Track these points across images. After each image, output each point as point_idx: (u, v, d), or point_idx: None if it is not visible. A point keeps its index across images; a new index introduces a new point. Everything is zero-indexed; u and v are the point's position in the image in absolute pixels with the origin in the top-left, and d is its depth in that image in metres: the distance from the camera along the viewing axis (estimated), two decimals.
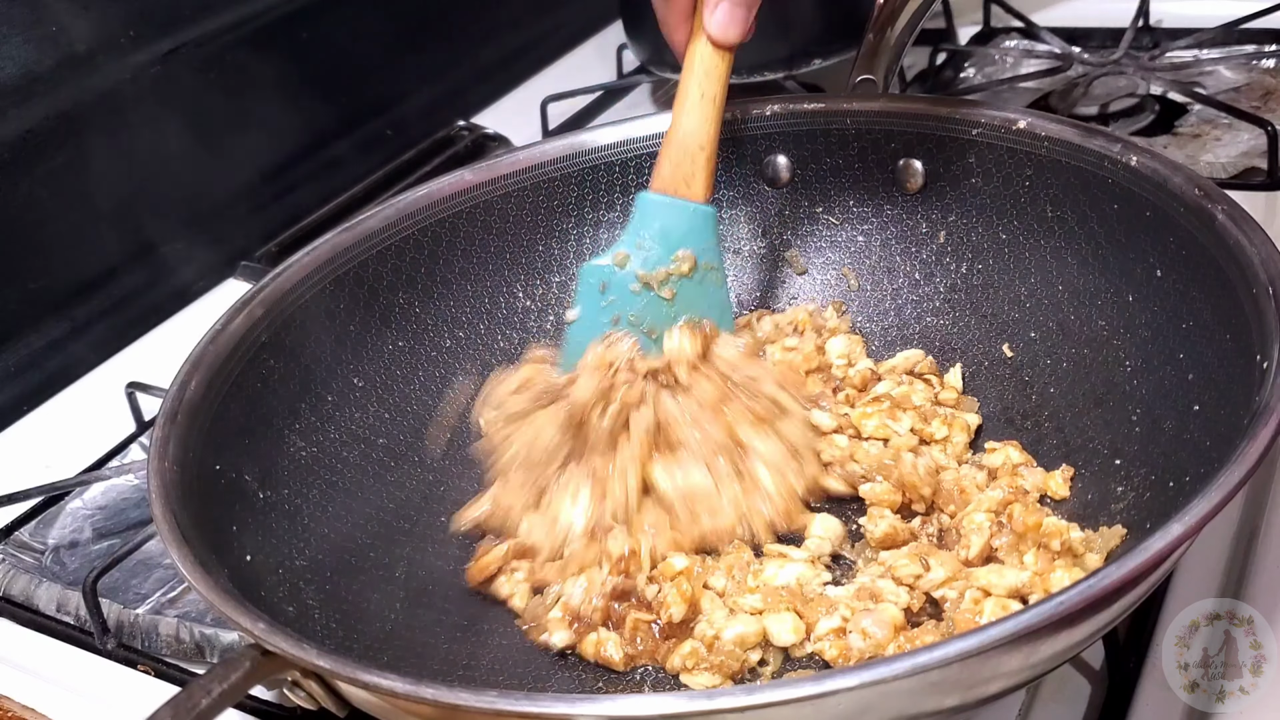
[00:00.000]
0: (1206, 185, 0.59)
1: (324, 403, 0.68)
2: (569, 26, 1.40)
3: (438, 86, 1.25)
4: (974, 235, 0.73)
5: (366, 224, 0.72)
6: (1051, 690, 0.58)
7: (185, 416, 0.59)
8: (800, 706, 0.40)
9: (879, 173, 0.76)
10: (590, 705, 0.43)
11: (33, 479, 0.79)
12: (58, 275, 0.94)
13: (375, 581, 0.64)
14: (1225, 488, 0.44)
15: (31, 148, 0.90)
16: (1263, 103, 1.01)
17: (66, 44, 0.91)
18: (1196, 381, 0.56)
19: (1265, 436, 0.45)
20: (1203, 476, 0.48)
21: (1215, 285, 0.56)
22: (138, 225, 0.99)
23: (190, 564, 0.49)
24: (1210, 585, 0.62)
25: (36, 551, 0.75)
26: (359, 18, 1.15)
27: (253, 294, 0.66)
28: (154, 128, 0.98)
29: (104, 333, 0.97)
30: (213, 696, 0.44)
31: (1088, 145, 0.65)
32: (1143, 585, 0.46)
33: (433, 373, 0.74)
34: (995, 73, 1.14)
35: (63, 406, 0.92)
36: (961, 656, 0.40)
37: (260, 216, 1.08)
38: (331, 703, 0.48)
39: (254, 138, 1.08)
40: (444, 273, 0.75)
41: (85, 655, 0.68)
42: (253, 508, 0.60)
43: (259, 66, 1.07)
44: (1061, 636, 0.44)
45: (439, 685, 0.43)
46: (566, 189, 0.78)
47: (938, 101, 0.73)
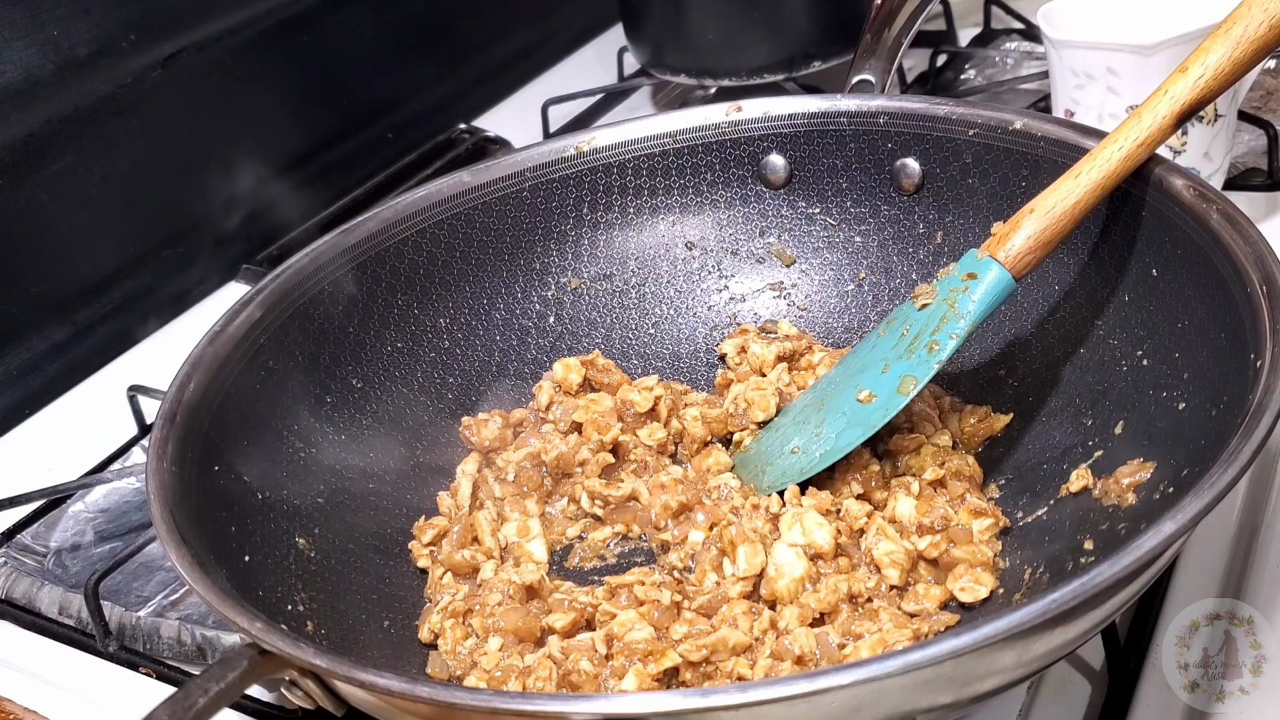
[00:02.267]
0: (1203, 185, 0.59)
1: (323, 404, 0.68)
2: (570, 30, 1.41)
3: (439, 90, 1.25)
4: (971, 235, 0.73)
5: (365, 226, 0.72)
6: (1052, 690, 0.58)
7: (184, 418, 0.59)
8: (794, 704, 0.40)
9: (876, 173, 0.76)
10: (586, 704, 0.43)
11: (35, 482, 0.79)
12: (60, 279, 0.94)
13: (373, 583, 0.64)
14: (1219, 485, 0.44)
15: (33, 152, 0.90)
16: (1263, 103, 1.01)
17: (68, 48, 0.91)
18: (1192, 380, 0.56)
19: (1259, 435, 0.45)
20: (1197, 474, 0.48)
21: (1211, 285, 0.56)
22: (139, 229, 0.99)
23: (188, 564, 0.50)
24: (1210, 585, 0.62)
25: (38, 554, 0.75)
26: (360, 21, 1.16)
27: (252, 295, 0.67)
28: (155, 132, 0.99)
29: (106, 336, 0.97)
30: (210, 696, 0.44)
31: (1084, 145, 0.65)
32: (1137, 582, 0.46)
33: (431, 374, 0.74)
34: (996, 74, 1.14)
35: (65, 410, 0.93)
36: (955, 654, 0.40)
37: (262, 220, 1.08)
38: (329, 702, 0.48)
39: (255, 141, 1.08)
40: (443, 275, 0.75)
41: (87, 658, 0.68)
42: (251, 509, 0.60)
43: (260, 70, 1.07)
44: (1056, 633, 0.44)
45: (435, 684, 0.43)
46: (565, 191, 0.78)
47: (934, 102, 0.73)
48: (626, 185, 0.78)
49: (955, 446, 0.68)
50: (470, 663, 0.59)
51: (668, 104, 1.23)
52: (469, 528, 0.67)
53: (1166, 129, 0.59)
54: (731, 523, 0.62)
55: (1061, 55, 0.83)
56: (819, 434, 0.66)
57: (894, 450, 0.67)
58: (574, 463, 0.70)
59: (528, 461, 0.71)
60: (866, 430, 0.64)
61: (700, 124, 0.78)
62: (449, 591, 0.64)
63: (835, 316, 0.79)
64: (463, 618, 0.61)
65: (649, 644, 0.56)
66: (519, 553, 0.66)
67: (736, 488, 0.67)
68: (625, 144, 0.78)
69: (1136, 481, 0.57)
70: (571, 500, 0.70)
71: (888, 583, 0.60)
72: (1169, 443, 0.56)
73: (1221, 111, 0.82)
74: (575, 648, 0.58)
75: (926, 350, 0.63)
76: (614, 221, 0.79)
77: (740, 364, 0.76)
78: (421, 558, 0.66)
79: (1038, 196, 0.62)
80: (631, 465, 0.70)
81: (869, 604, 0.59)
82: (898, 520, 0.63)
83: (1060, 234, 0.61)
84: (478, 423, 0.73)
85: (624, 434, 0.71)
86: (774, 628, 0.58)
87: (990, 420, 0.68)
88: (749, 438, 0.71)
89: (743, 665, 0.56)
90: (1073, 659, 0.59)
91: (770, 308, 0.80)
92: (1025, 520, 0.63)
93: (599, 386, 0.74)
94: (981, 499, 0.64)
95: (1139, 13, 0.84)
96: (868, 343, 0.68)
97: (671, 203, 0.79)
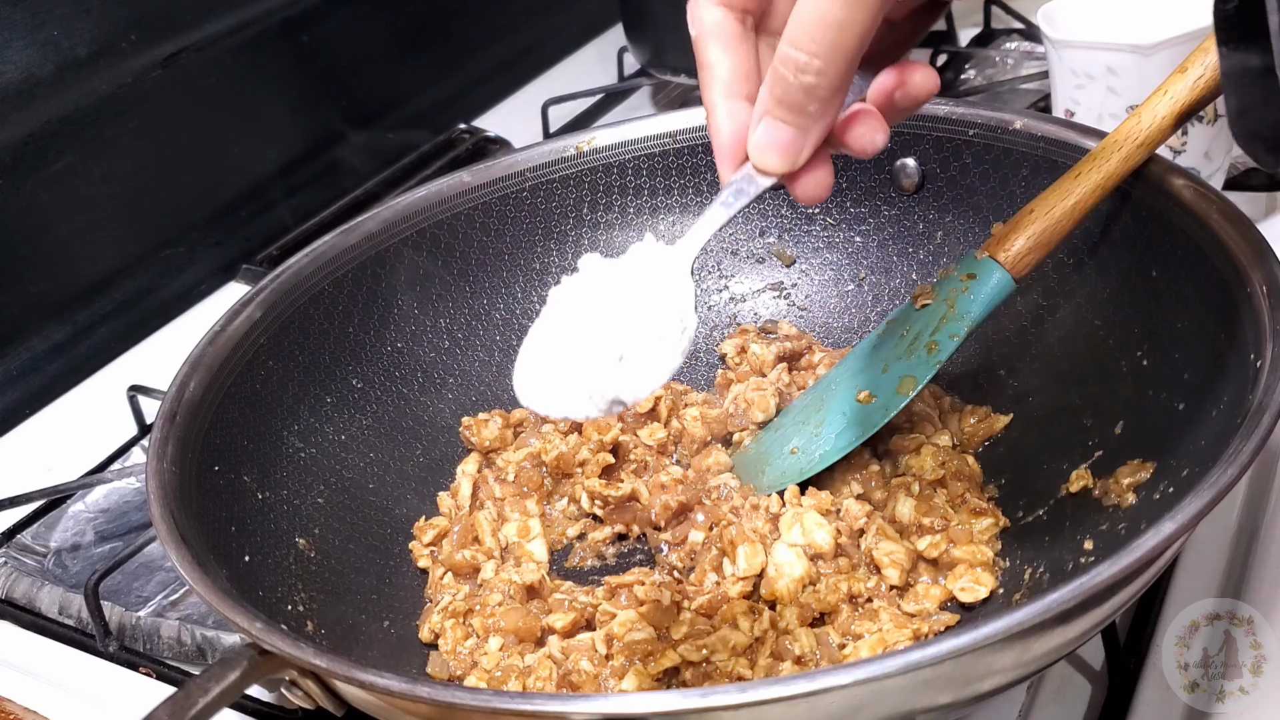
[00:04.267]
0: (1203, 185, 0.59)
1: (323, 404, 0.68)
2: (570, 30, 1.41)
3: (439, 90, 1.25)
4: (971, 235, 0.73)
5: (365, 226, 0.72)
6: (1052, 690, 0.58)
7: (184, 417, 0.59)
8: (794, 704, 0.40)
9: (876, 173, 0.76)
10: (586, 704, 0.43)
11: (35, 482, 0.79)
12: (60, 279, 0.94)
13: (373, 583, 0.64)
14: (1219, 485, 0.43)
15: (33, 152, 0.90)
16: None
17: (68, 48, 0.91)
18: (1192, 380, 0.56)
19: (1259, 435, 0.45)
20: (1197, 474, 0.48)
21: (1210, 285, 0.56)
22: (139, 229, 0.99)
23: (188, 564, 0.50)
24: (1210, 585, 0.62)
25: (39, 554, 0.75)
26: (360, 21, 1.16)
27: (252, 295, 0.67)
28: (155, 132, 0.99)
29: (106, 336, 0.97)
30: (210, 696, 0.44)
31: (1084, 145, 0.65)
32: (1137, 582, 0.46)
33: (431, 375, 0.74)
34: (996, 74, 1.14)
35: (65, 410, 0.93)
36: (955, 654, 0.40)
37: (262, 220, 1.08)
38: (329, 702, 0.48)
39: (255, 141, 1.08)
40: (443, 275, 0.75)
41: (87, 658, 0.68)
42: (251, 509, 0.60)
43: (260, 70, 1.07)
44: (1056, 633, 0.44)
45: (435, 684, 0.43)
46: (565, 191, 0.78)
47: (934, 102, 0.73)
48: (626, 185, 0.78)
49: (955, 446, 0.68)
50: (470, 663, 0.59)
51: (668, 104, 1.23)
52: (469, 528, 0.67)
53: (1166, 129, 0.59)
54: (731, 523, 0.62)
55: (1061, 55, 0.83)
56: (819, 434, 0.66)
57: (894, 450, 0.67)
58: (574, 463, 0.70)
59: (528, 461, 0.71)
60: (866, 431, 0.64)
61: (700, 124, 0.78)
62: (449, 591, 0.64)
63: (835, 316, 0.79)
64: (463, 618, 0.61)
65: (649, 644, 0.56)
66: (519, 553, 0.66)
67: (736, 488, 0.67)
68: (625, 144, 0.78)
69: (1136, 481, 0.57)
70: (571, 500, 0.70)
71: (888, 583, 0.60)
72: (1169, 443, 0.56)
73: (1221, 111, 0.82)
74: (575, 648, 0.58)
75: (926, 350, 0.63)
76: (614, 221, 0.79)
77: (740, 364, 0.76)
78: (422, 558, 0.66)
79: (1038, 197, 0.62)
80: (631, 465, 0.70)
81: (869, 604, 0.59)
82: (898, 520, 0.63)
83: (1060, 234, 0.61)
84: (478, 423, 0.73)
85: (624, 434, 0.71)
86: (774, 628, 0.58)
87: (990, 420, 0.68)
88: (749, 438, 0.71)
89: (743, 665, 0.56)
90: (1073, 659, 0.59)
91: (770, 308, 0.80)
92: (1025, 520, 0.62)
93: None
94: (981, 499, 0.64)
95: (1139, 13, 0.84)
96: (867, 343, 0.68)
97: (671, 203, 0.79)
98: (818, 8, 0.40)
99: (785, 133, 0.44)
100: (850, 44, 0.40)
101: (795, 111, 0.43)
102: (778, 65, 0.42)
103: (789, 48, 0.41)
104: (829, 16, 0.40)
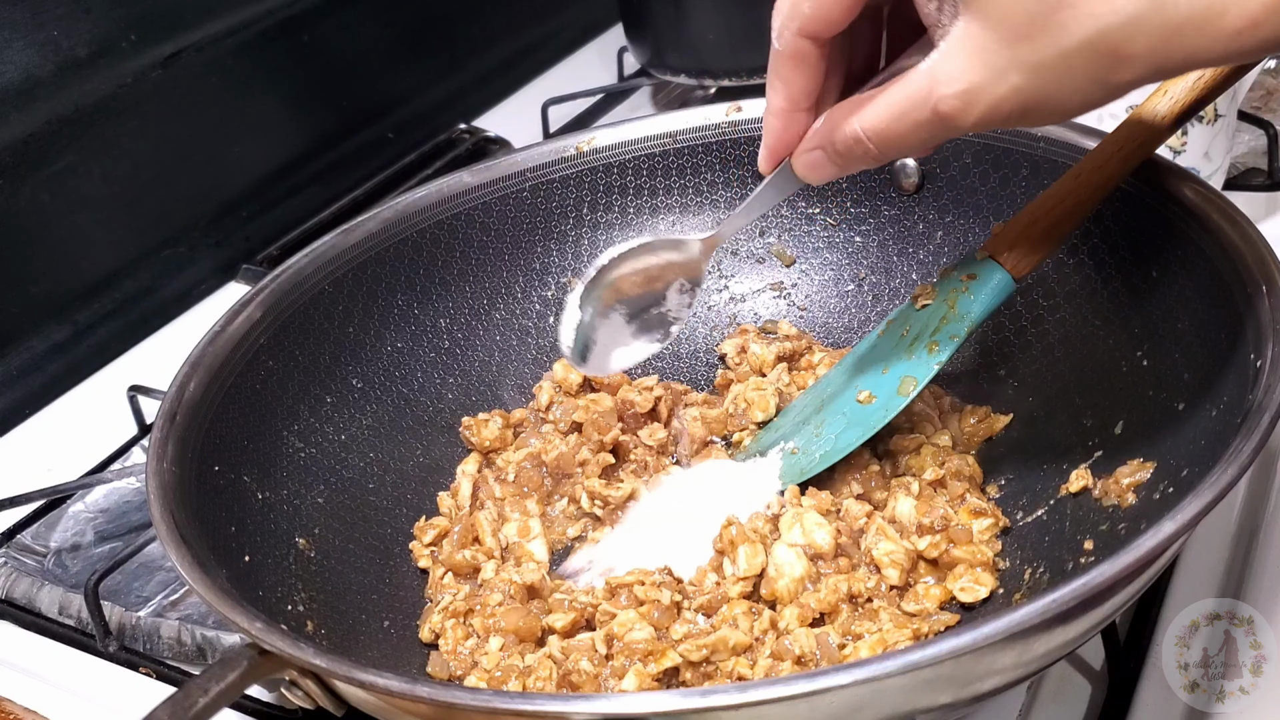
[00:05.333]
0: (1203, 185, 0.59)
1: (323, 404, 0.68)
2: (570, 29, 1.41)
3: (439, 90, 1.25)
4: (971, 235, 0.73)
5: (365, 226, 0.72)
6: (1052, 690, 0.58)
7: (184, 417, 0.59)
8: (794, 704, 0.40)
9: (876, 173, 0.76)
10: (586, 704, 0.43)
11: (35, 482, 0.79)
12: (60, 279, 0.94)
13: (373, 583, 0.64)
14: (1218, 485, 0.43)
15: (33, 152, 0.90)
16: (1263, 103, 1.01)
17: (68, 48, 0.91)
18: (1191, 380, 0.56)
19: (1259, 435, 0.45)
20: (1197, 474, 0.48)
21: (1211, 285, 0.56)
22: (139, 229, 0.99)
23: (188, 564, 0.50)
24: (1210, 585, 0.62)
25: (38, 554, 0.75)
26: (360, 21, 1.16)
27: (252, 295, 0.67)
28: (155, 132, 0.99)
29: (106, 336, 0.97)
30: (210, 696, 0.44)
31: (1084, 145, 0.65)
32: (1136, 582, 0.46)
33: (431, 375, 0.74)
34: None
35: (65, 410, 0.93)
36: (955, 654, 0.40)
37: (262, 220, 1.08)
38: (329, 702, 0.48)
39: (255, 141, 1.08)
40: (442, 275, 0.75)
41: (87, 658, 0.68)
42: (251, 509, 0.60)
43: (260, 70, 1.07)
44: (1056, 633, 0.44)
45: (435, 684, 0.43)
46: (565, 191, 0.78)
47: None
48: (626, 185, 0.79)
49: (955, 446, 0.68)
50: (471, 663, 0.59)
51: (668, 104, 1.23)
52: (470, 528, 0.67)
53: (1166, 129, 0.59)
54: (732, 523, 0.62)
55: None
56: (819, 434, 0.66)
57: (894, 450, 0.67)
58: (574, 463, 0.70)
59: (528, 461, 0.71)
60: (866, 431, 0.64)
61: (700, 124, 0.78)
62: (450, 591, 0.64)
63: (835, 316, 0.79)
64: (463, 618, 0.61)
65: (649, 644, 0.56)
66: (520, 552, 0.66)
67: None
68: (625, 144, 0.78)
69: (1136, 481, 0.57)
70: (571, 500, 0.70)
71: (888, 583, 0.60)
72: (1169, 443, 0.56)
73: (1221, 111, 0.82)
74: (575, 648, 0.58)
75: (926, 351, 0.63)
76: (614, 221, 0.79)
77: (740, 364, 0.76)
78: (422, 558, 0.66)
79: (1038, 197, 0.62)
80: (631, 465, 0.70)
81: (869, 604, 0.59)
82: (898, 520, 0.63)
83: (1060, 235, 0.61)
84: (478, 423, 0.73)
85: (624, 434, 0.71)
86: (774, 628, 0.58)
87: (990, 420, 0.68)
88: (749, 438, 0.71)
89: (743, 665, 0.56)
90: (1073, 659, 0.59)
91: (770, 308, 0.80)
92: (1025, 520, 0.62)
93: (599, 387, 0.74)
94: (981, 499, 0.64)
95: None
96: (867, 343, 0.68)
97: (671, 203, 0.79)
98: (891, 115, 0.48)
99: (832, 169, 0.53)
100: (903, 150, 0.49)
101: (846, 161, 0.52)
102: (844, 134, 0.50)
103: (861, 133, 0.50)
104: (892, 131, 0.48)
